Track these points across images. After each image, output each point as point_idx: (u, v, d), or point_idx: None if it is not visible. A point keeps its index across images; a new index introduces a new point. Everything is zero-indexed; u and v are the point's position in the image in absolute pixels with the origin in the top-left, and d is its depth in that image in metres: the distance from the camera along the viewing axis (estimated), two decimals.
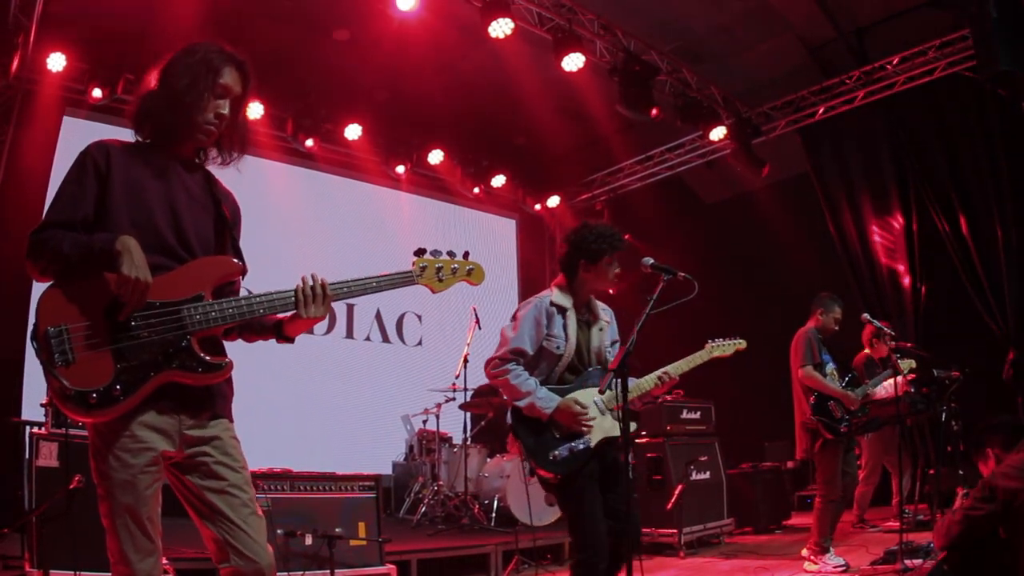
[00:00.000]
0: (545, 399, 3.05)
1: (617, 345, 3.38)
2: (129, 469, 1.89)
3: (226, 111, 2.11)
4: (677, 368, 3.28)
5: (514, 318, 3.22)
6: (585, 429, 3.05)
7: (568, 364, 3.19)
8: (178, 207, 2.06)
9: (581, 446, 3.05)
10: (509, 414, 3.18)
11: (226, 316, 1.98)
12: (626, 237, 3.33)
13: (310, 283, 2.06)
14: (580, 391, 3.14)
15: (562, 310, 3.21)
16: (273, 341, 2.24)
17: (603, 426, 3.10)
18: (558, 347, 3.16)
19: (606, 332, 3.34)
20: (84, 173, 1.96)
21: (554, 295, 3.25)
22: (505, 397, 3.14)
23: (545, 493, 5.85)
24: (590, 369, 3.24)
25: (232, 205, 2.27)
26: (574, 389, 3.15)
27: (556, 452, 3.03)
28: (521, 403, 3.07)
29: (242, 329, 2.19)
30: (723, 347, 3.46)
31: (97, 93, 7.00)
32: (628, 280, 3.31)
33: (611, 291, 3.32)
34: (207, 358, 1.96)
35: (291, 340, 2.20)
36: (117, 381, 1.85)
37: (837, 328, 5.36)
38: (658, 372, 3.24)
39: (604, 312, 3.38)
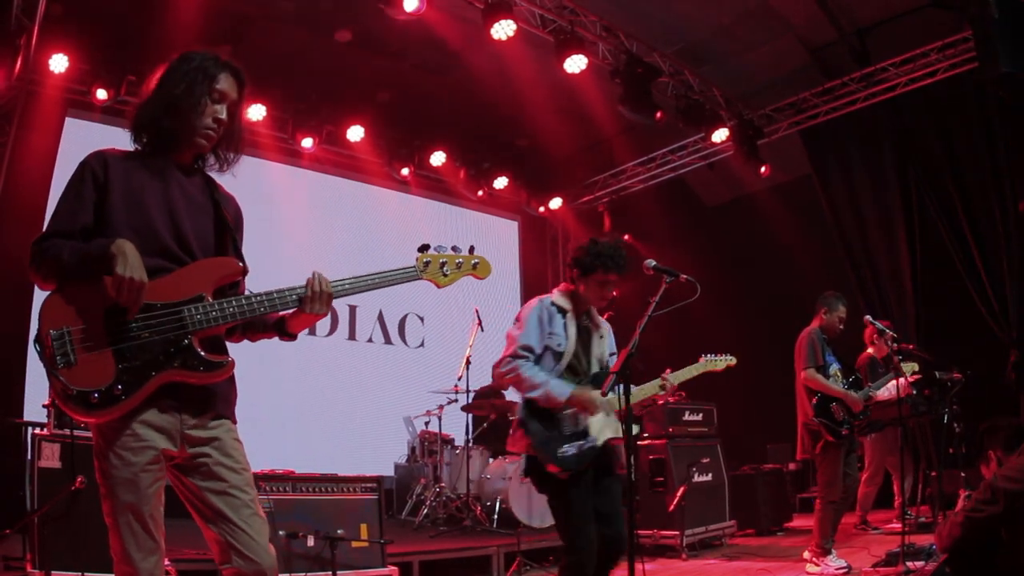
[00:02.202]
0: (559, 386, 3.07)
1: (615, 356, 3.41)
2: (131, 467, 1.90)
3: (224, 116, 2.14)
4: (676, 376, 3.39)
5: (517, 319, 3.26)
6: (594, 418, 3.08)
7: (568, 365, 3.21)
8: (177, 211, 2.07)
9: (588, 445, 3.07)
10: (520, 408, 3.17)
11: (227, 315, 2.00)
12: (625, 238, 3.39)
13: (316, 281, 2.09)
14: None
15: (562, 311, 3.26)
16: (276, 340, 2.26)
17: (609, 426, 3.14)
18: (559, 344, 3.19)
19: (606, 340, 3.40)
20: (82, 183, 2.00)
21: (555, 297, 3.32)
22: (518, 392, 3.15)
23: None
24: (594, 372, 3.27)
25: (234, 209, 2.29)
26: None
27: (564, 449, 3.03)
28: (535, 393, 3.07)
29: (245, 328, 2.22)
30: (715, 362, 3.64)
31: (101, 94, 6.99)
32: (630, 283, 3.34)
33: (600, 305, 3.37)
34: (208, 357, 1.98)
35: (293, 337, 2.23)
36: (118, 381, 1.87)
37: (842, 328, 5.32)
38: (658, 380, 3.33)
39: (604, 324, 3.44)
